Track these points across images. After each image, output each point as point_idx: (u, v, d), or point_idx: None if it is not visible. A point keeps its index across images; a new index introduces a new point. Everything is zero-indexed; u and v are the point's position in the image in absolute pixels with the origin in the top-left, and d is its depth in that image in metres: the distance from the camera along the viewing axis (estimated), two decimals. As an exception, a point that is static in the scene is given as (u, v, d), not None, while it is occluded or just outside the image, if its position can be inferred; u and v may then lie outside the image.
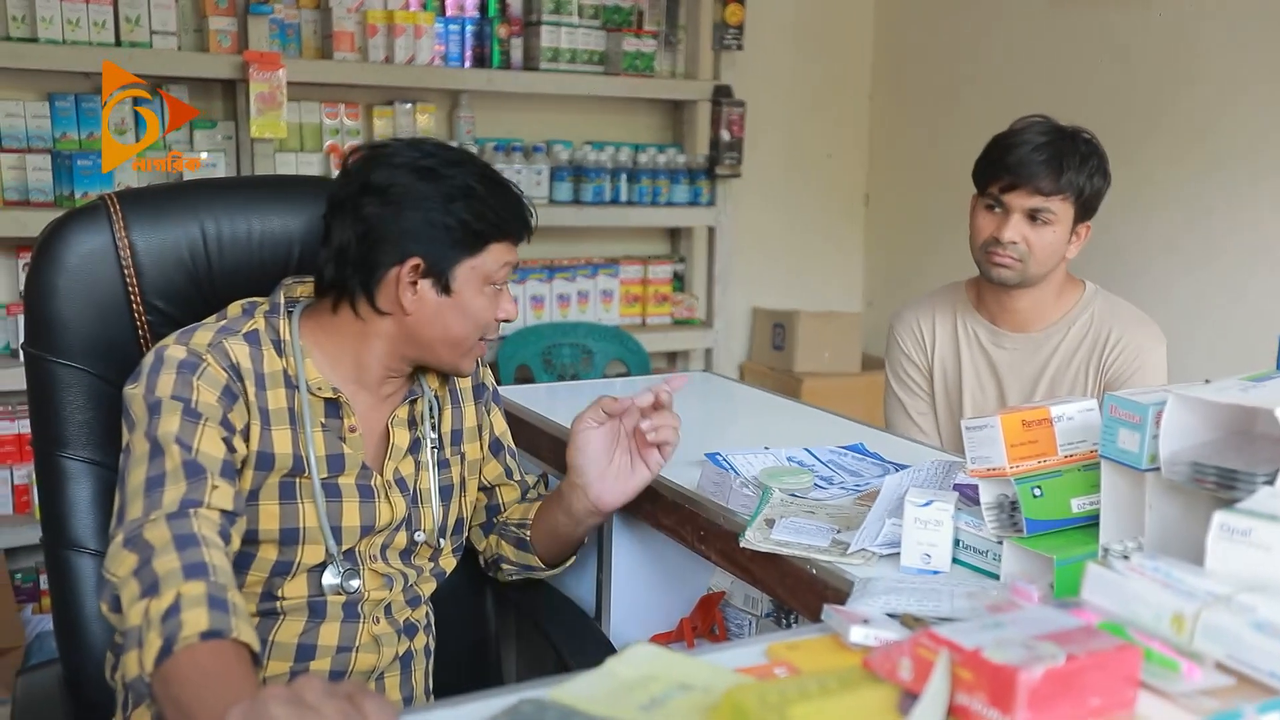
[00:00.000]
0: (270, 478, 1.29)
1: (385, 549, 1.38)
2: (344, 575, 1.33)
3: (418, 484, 1.41)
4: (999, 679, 0.71)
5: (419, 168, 1.31)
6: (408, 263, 1.31)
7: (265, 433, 1.29)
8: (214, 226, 1.47)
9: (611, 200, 3.40)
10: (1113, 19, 3.16)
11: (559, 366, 3.36)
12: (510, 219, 1.36)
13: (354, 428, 1.35)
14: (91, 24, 2.70)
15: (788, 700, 0.75)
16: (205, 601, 1.04)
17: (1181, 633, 0.79)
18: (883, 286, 4.05)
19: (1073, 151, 1.87)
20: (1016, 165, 1.86)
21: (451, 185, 1.31)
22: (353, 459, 1.35)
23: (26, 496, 2.72)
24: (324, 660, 1.33)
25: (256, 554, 1.29)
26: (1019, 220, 1.88)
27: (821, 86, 3.95)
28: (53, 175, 2.70)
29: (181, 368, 1.24)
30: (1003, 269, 1.91)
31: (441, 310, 1.34)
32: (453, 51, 3.19)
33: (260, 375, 1.30)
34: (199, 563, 1.09)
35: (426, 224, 1.30)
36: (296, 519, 1.30)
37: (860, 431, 1.79)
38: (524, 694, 0.84)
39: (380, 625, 1.37)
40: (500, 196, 1.35)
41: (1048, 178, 1.85)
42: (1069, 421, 1.14)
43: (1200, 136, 2.94)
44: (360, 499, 1.35)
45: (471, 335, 1.37)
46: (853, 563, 1.21)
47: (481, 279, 1.35)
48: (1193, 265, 2.97)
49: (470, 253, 1.33)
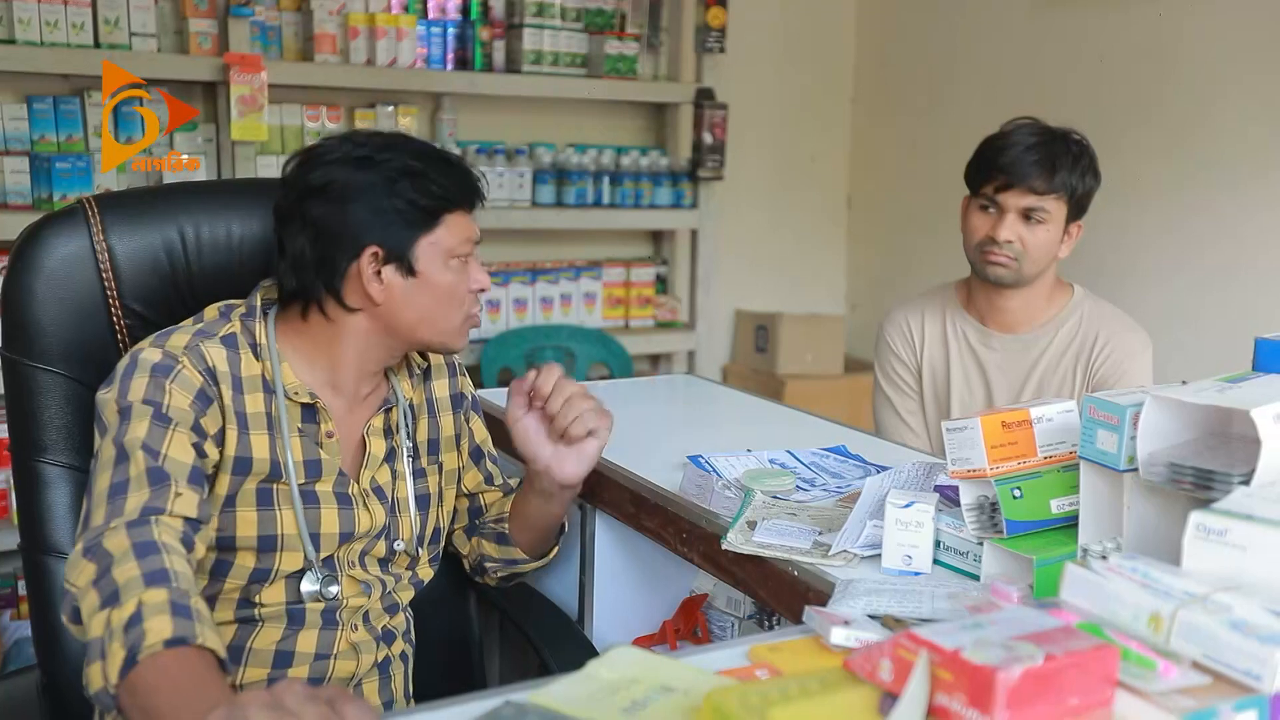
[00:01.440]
0: (247, 483, 1.28)
1: (364, 556, 1.37)
2: (323, 581, 1.32)
3: (395, 493, 1.40)
4: (978, 679, 0.71)
5: (354, 159, 1.31)
6: (365, 253, 1.30)
7: (243, 437, 1.28)
8: (193, 229, 1.46)
9: (594, 203, 3.40)
10: (1092, 22, 3.18)
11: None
12: (457, 189, 1.34)
13: (331, 433, 1.34)
14: (70, 25, 2.68)
15: (769, 702, 0.75)
16: (168, 609, 1.02)
17: (1159, 632, 0.80)
18: (865, 289, 4.07)
19: (1064, 151, 1.90)
20: (1010, 165, 1.89)
21: (390, 168, 1.30)
22: (329, 465, 1.34)
23: (4, 502, 2.70)
24: (302, 667, 1.32)
25: (234, 561, 1.28)
26: (1014, 220, 1.90)
27: (804, 89, 3.96)
28: (31, 178, 2.68)
29: (155, 371, 1.23)
30: (999, 268, 1.93)
31: (411, 292, 1.33)
32: (435, 54, 3.18)
33: (237, 379, 1.29)
34: (160, 570, 1.07)
35: (374, 211, 1.30)
36: (275, 525, 1.29)
37: (842, 434, 1.80)
38: (506, 697, 0.84)
39: (358, 632, 1.36)
40: (441, 169, 1.34)
41: (1041, 177, 1.88)
42: (1048, 423, 1.15)
43: (1180, 139, 2.97)
44: (339, 506, 1.34)
45: (449, 312, 1.36)
46: (834, 564, 1.22)
47: (444, 254, 1.33)
48: (1172, 266, 2.99)
49: (424, 229, 1.32)
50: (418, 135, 3.16)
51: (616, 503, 1.55)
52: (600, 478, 1.57)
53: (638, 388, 2.56)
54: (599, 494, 1.58)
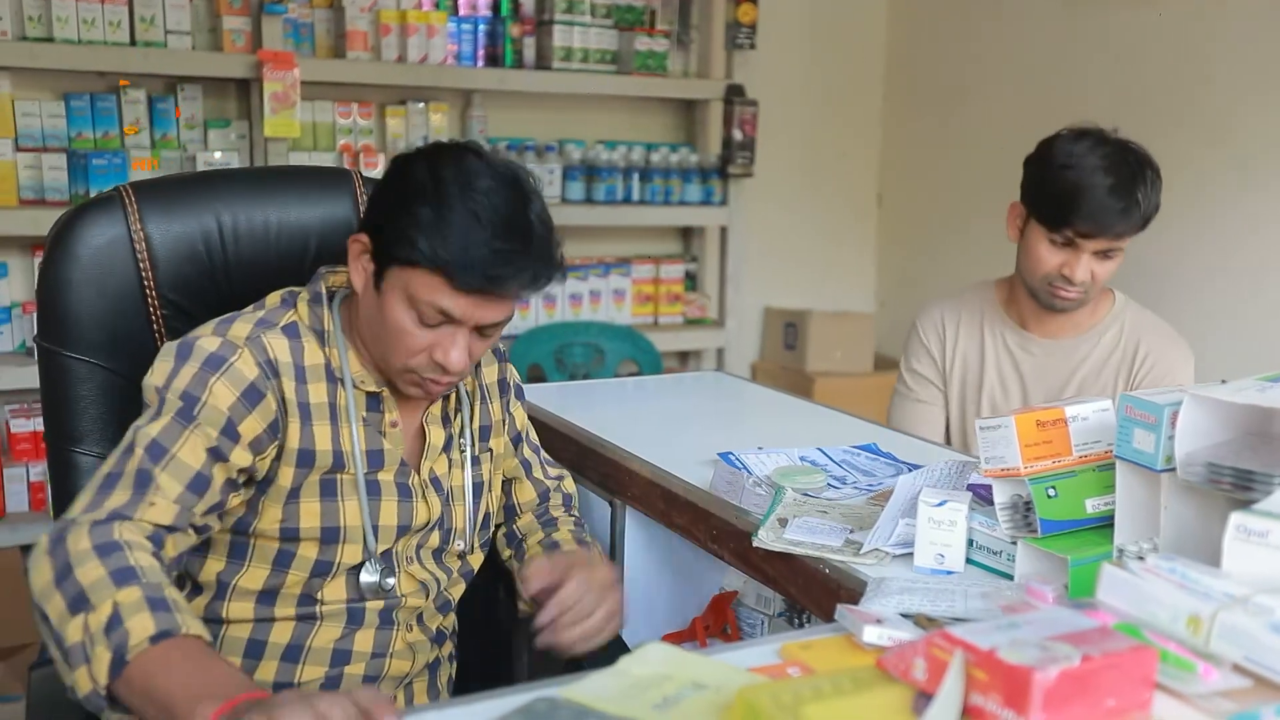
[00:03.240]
0: (311, 475, 1.27)
1: (420, 550, 1.36)
2: (381, 574, 1.30)
3: (450, 481, 1.39)
4: (1014, 679, 0.71)
5: (441, 168, 1.23)
6: (360, 236, 1.27)
7: (305, 429, 1.26)
8: (230, 218, 1.45)
9: (624, 199, 3.40)
10: (1125, 18, 3.14)
11: (571, 366, 3.36)
12: (451, 258, 1.19)
13: (395, 422, 1.33)
14: (107, 24, 2.71)
15: (801, 700, 0.75)
16: (145, 605, 1.01)
17: (1198, 634, 0.79)
18: (895, 286, 4.04)
19: (1140, 182, 1.80)
20: (1093, 215, 1.78)
21: (440, 191, 1.21)
22: (392, 455, 1.32)
23: (43, 494, 2.74)
24: (359, 664, 1.32)
25: (297, 552, 1.27)
26: (1090, 259, 1.83)
27: (834, 85, 3.94)
28: (68, 174, 2.72)
29: (207, 364, 1.21)
30: (1068, 301, 1.89)
31: (370, 304, 1.27)
32: (465, 51, 3.20)
33: (300, 368, 1.27)
34: (126, 568, 1.05)
35: (390, 209, 1.24)
36: (338, 517, 1.28)
37: (873, 431, 1.79)
38: (538, 692, 0.84)
39: (414, 633, 1.36)
40: (465, 231, 1.19)
41: (1121, 220, 1.80)
42: (1083, 422, 1.13)
43: (1216, 137, 2.93)
44: (399, 498, 1.33)
45: (388, 349, 1.26)
46: (866, 562, 1.21)
47: (405, 299, 1.23)
48: (1209, 265, 2.95)
49: (399, 262, 1.22)
50: (447, 133, 3.20)
51: (646, 499, 1.55)
52: (630, 475, 1.57)
53: (667, 384, 2.56)
54: (629, 490, 1.58)
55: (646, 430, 1.78)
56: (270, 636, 1.29)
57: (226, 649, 1.28)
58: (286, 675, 1.29)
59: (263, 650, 1.29)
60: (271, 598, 1.28)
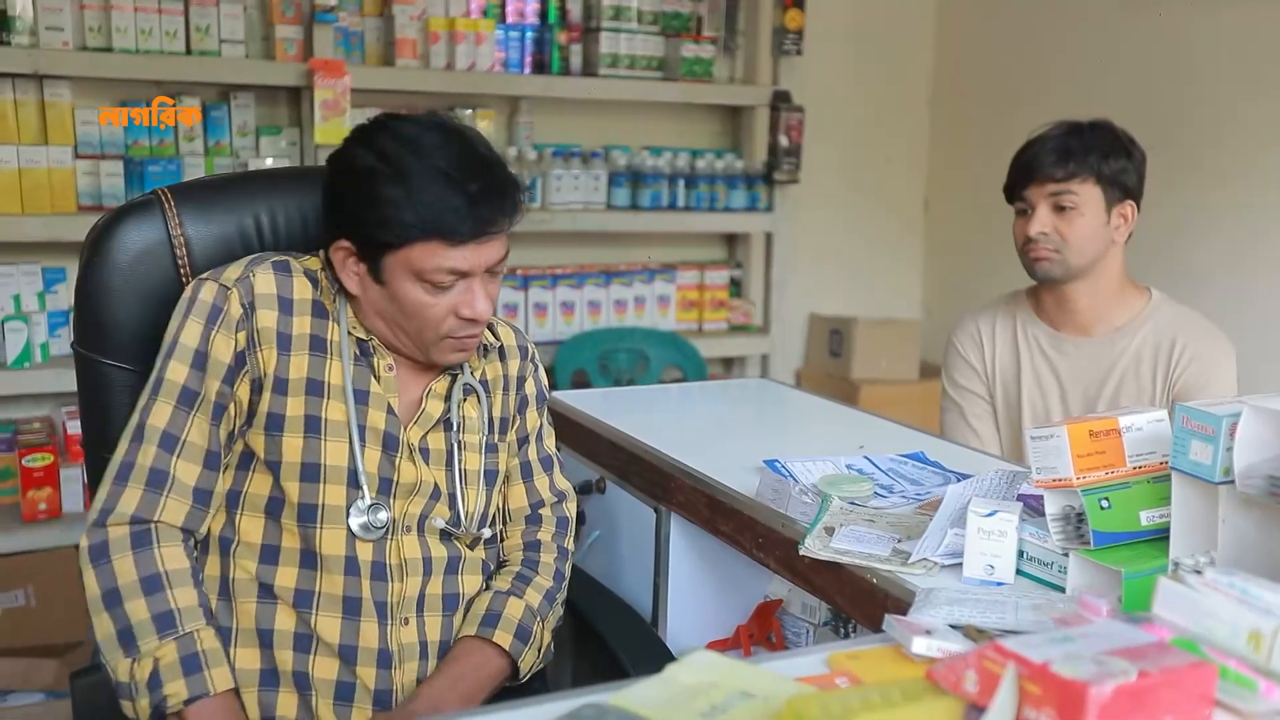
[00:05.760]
0: (294, 407, 1.29)
1: (424, 520, 1.35)
2: (370, 510, 1.30)
3: (464, 464, 1.39)
4: (1068, 694, 0.70)
5: (390, 147, 1.27)
6: (338, 244, 1.30)
7: (282, 357, 1.29)
8: (268, 217, 1.47)
9: (669, 205, 3.40)
10: (1179, 25, 3.09)
11: (615, 371, 3.37)
12: (439, 219, 1.24)
13: (391, 366, 1.34)
14: (164, 33, 2.76)
15: (850, 710, 0.75)
16: (179, 669, 1.20)
17: (1259, 650, 0.77)
18: (942, 294, 4.00)
19: (1077, 135, 1.92)
20: (1029, 161, 1.93)
21: (399, 171, 1.24)
22: (378, 400, 1.32)
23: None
24: (370, 621, 1.30)
25: (284, 498, 1.29)
26: (1044, 213, 1.91)
27: (881, 92, 3.91)
28: (125, 181, 2.77)
29: (209, 318, 1.28)
30: (1043, 262, 1.93)
31: (378, 298, 1.31)
32: (513, 58, 3.22)
33: (286, 300, 1.30)
34: (166, 612, 1.21)
35: (355, 208, 1.27)
36: (318, 454, 1.29)
37: (920, 440, 1.77)
38: (585, 699, 0.84)
39: (409, 627, 1.34)
40: (438, 190, 1.24)
41: (1056, 164, 1.90)
42: (1138, 432, 1.12)
43: (1271, 142, 2.87)
44: (384, 449, 1.32)
45: (417, 327, 1.30)
46: (914, 573, 1.20)
47: (412, 275, 1.27)
48: (1261, 274, 2.89)
49: (392, 248, 1.26)
50: (495, 140, 3.23)
51: (691, 506, 1.55)
52: (675, 481, 1.57)
53: (711, 391, 2.55)
54: (674, 497, 1.58)
55: (691, 437, 1.78)
56: (276, 580, 1.30)
57: (239, 593, 1.30)
58: (304, 626, 1.29)
59: (273, 592, 1.30)
60: (273, 554, 1.30)
